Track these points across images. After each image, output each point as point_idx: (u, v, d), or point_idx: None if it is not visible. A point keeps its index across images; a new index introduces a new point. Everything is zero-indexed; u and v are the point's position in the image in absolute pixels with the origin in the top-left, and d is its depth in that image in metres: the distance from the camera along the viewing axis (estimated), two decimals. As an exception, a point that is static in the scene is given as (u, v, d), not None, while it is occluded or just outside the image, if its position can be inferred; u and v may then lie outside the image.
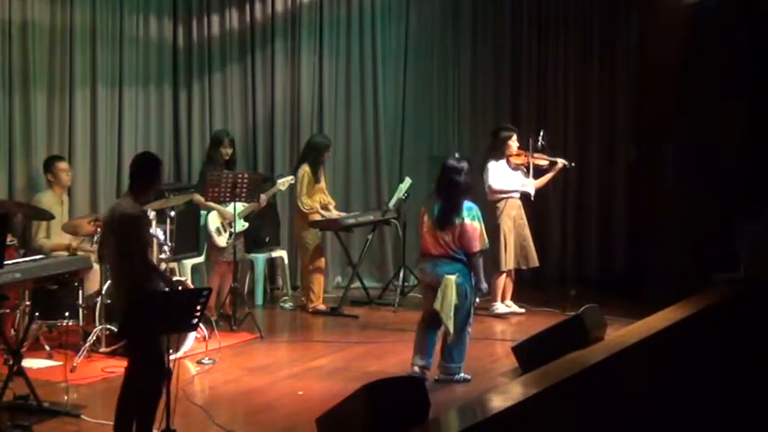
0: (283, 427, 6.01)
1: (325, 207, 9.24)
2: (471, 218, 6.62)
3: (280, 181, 8.96)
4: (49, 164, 8.12)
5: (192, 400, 6.33)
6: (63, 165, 8.16)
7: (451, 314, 6.60)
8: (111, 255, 5.46)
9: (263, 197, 8.85)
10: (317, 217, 9.11)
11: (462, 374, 6.81)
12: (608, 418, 4.78)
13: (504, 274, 9.02)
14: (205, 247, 8.85)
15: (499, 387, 5.54)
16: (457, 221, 6.61)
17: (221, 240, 8.51)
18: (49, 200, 7.94)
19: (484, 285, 6.85)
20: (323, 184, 9.24)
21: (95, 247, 7.47)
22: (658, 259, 9.75)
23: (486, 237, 6.76)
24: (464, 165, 6.81)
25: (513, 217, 8.95)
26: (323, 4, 10.47)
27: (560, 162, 9.10)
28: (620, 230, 10.73)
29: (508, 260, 8.94)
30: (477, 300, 6.88)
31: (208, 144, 9.19)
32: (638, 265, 10.13)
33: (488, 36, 11.00)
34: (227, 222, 8.50)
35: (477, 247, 6.63)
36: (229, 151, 8.75)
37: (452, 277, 6.59)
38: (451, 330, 6.65)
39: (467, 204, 6.66)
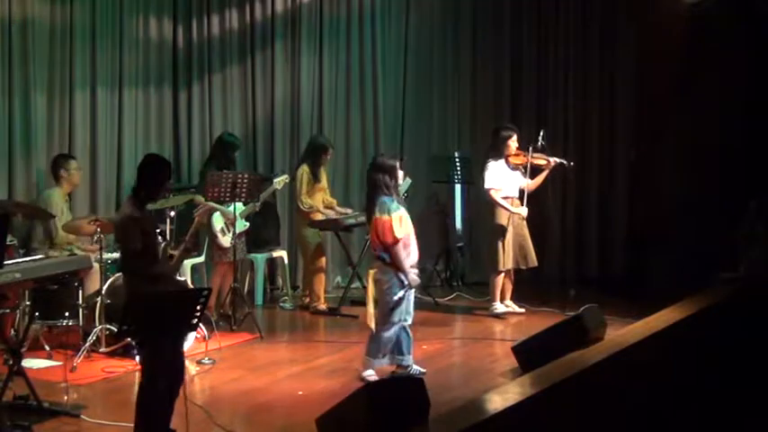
0: (283, 426, 6.01)
1: (329, 207, 9.25)
2: (380, 212, 6.65)
3: (276, 180, 8.97)
4: (62, 161, 8.12)
5: (192, 400, 6.31)
6: (75, 163, 8.20)
7: (369, 308, 6.80)
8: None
9: (261, 196, 8.85)
10: (318, 216, 9.12)
11: (414, 367, 6.90)
12: (608, 418, 4.78)
13: (503, 274, 9.01)
14: (205, 247, 8.86)
15: (499, 387, 5.53)
16: (373, 218, 6.72)
17: (225, 241, 8.51)
18: (58, 197, 7.96)
19: (411, 278, 6.69)
20: (323, 183, 9.24)
21: (96, 246, 7.49)
22: (658, 259, 9.75)
23: (399, 227, 6.59)
24: (383, 161, 6.85)
25: (511, 217, 8.93)
26: (323, 5, 10.47)
27: (552, 160, 9.04)
28: (620, 230, 10.72)
29: (506, 260, 8.92)
30: (401, 294, 6.65)
31: (213, 145, 9.19)
32: (638, 265, 10.14)
33: (488, 36, 11.01)
34: (231, 222, 8.51)
35: (389, 238, 6.62)
36: (236, 156, 8.85)
37: (372, 272, 6.85)
38: (371, 325, 6.80)
39: (380, 200, 6.70)
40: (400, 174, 6.94)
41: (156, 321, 4.97)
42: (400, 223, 6.62)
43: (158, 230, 5.63)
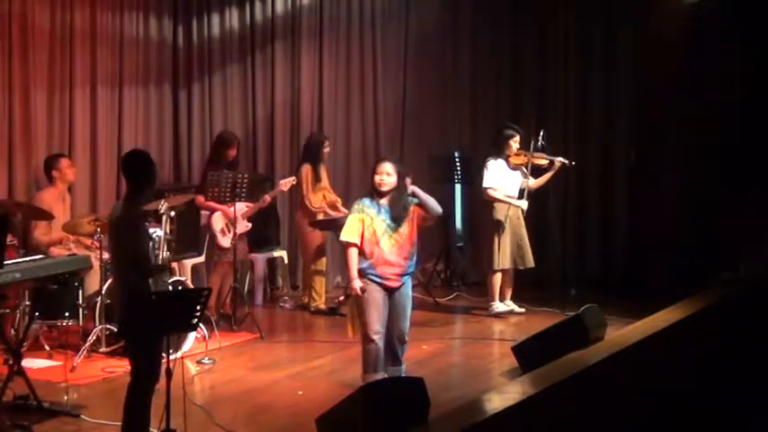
0: (283, 426, 6.01)
1: (332, 206, 9.24)
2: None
3: (282, 182, 8.96)
4: (53, 162, 8.13)
5: (192, 400, 6.32)
6: (66, 161, 8.19)
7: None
8: (111, 258, 5.44)
9: (268, 197, 8.84)
10: (320, 216, 9.13)
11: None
12: (608, 418, 4.78)
13: (500, 273, 9.01)
14: (205, 247, 8.86)
15: (499, 387, 5.53)
16: None
17: (225, 241, 8.51)
18: (50, 198, 7.96)
19: (353, 283, 6.35)
20: (324, 183, 9.23)
21: (95, 245, 7.49)
22: (658, 259, 9.75)
23: (348, 230, 6.37)
24: (376, 162, 6.65)
25: (509, 216, 8.92)
26: (323, 5, 10.49)
27: (558, 161, 9.05)
28: (621, 230, 10.72)
29: (503, 259, 8.92)
30: (341, 298, 6.63)
31: (211, 144, 9.18)
32: (638, 265, 10.13)
33: (488, 36, 11.00)
34: (231, 222, 8.50)
35: None
36: (234, 152, 8.79)
37: None
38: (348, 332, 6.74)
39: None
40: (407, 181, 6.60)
41: (154, 321, 4.97)
42: (361, 227, 6.34)
43: (152, 231, 5.60)
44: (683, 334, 5.69)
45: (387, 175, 6.37)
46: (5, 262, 5.65)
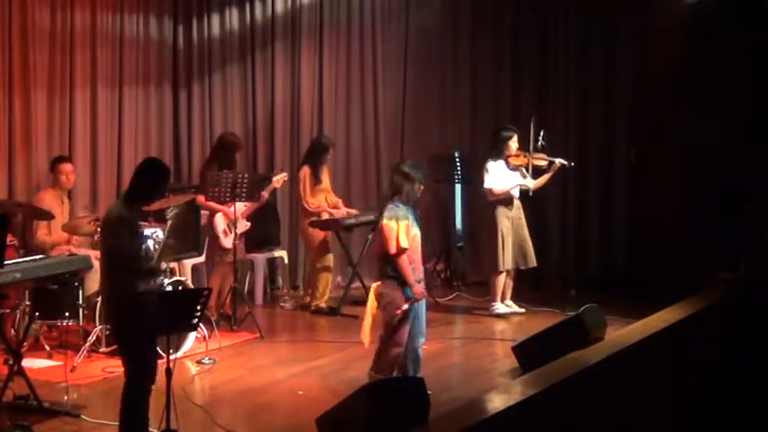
0: (284, 426, 6.01)
1: (334, 206, 9.25)
2: (389, 218, 6.21)
3: (275, 178, 8.96)
4: (55, 164, 8.15)
5: (192, 399, 6.33)
6: (64, 166, 8.17)
7: (365, 322, 6.35)
8: (101, 258, 5.42)
9: (264, 194, 8.85)
10: (323, 215, 9.13)
11: None
12: (608, 418, 4.78)
13: (504, 274, 9.03)
14: (206, 247, 8.86)
15: (499, 387, 5.53)
16: (380, 223, 6.37)
17: (227, 242, 8.50)
18: (50, 199, 7.96)
19: (417, 288, 6.21)
20: (325, 185, 9.24)
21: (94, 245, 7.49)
22: (658, 259, 9.75)
23: (405, 238, 6.15)
24: (407, 169, 6.44)
25: (511, 217, 8.94)
26: (323, 5, 10.49)
27: (557, 162, 9.06)
28: (621, 230, 10.71)
29: (506, 260, 8.94)
30: (405, 307, 6.16)
31: (213, 145, 9.16)
32: (638, 265, 10.13)
33: (488, 36, 11.01)
34: (233, 222, 8.50)
35: (392, 248, 6.16)
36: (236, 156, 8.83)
37: (374, 285, 6.44)
38: (364, 341, 6.39)
39: (390, 205, 6.33)
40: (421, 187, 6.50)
41: (141, 322, 4.96)
42: (408, 233, 6.22)
43: (150, 232, 5.58)
44: (683, 334, 5.69)
45: None
46: (5, 262, 5.65)
